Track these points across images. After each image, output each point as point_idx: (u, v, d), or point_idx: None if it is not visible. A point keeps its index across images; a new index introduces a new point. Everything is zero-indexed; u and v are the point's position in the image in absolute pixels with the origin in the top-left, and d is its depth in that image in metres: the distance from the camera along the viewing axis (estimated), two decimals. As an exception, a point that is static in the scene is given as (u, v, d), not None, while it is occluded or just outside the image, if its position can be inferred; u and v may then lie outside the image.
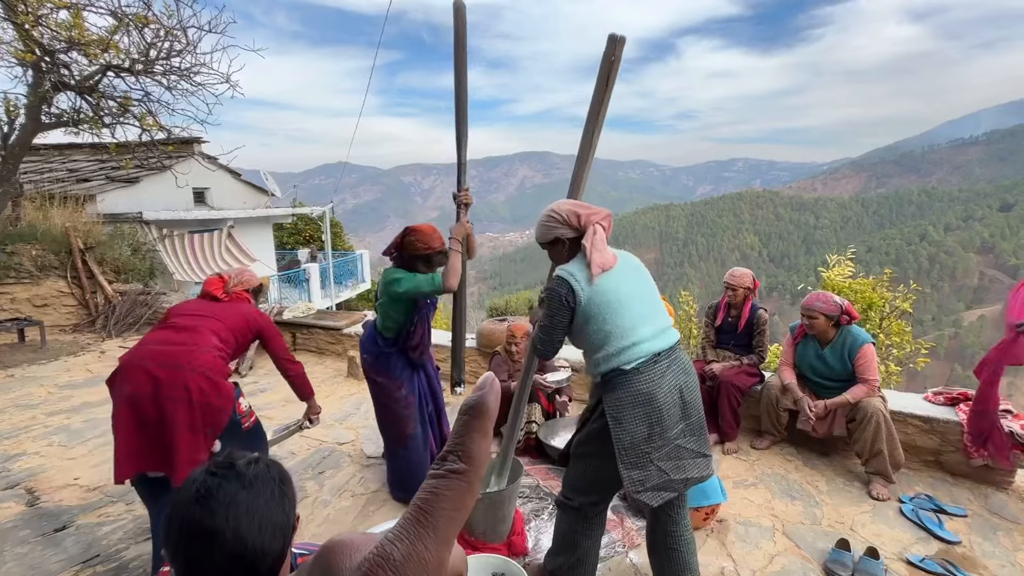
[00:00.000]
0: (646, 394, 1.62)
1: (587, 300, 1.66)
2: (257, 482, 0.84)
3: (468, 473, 0.21)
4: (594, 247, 1.68)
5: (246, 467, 0.85)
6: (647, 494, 1.63)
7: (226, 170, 12.43)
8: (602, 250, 1.69)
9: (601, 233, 1.72)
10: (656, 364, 1.66)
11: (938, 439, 2.96)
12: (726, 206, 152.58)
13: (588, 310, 1.67)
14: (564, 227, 1.76)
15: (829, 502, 2.69)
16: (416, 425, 2.58)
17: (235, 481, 0.82)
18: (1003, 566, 2.21)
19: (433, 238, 2.36)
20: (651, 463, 1.62)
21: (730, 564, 2.21)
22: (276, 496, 0.85)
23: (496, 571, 1.90)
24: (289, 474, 0.92)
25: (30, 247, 6.63)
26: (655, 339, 1.69)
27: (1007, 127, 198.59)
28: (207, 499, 0.79)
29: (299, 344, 5.65)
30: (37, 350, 5.67)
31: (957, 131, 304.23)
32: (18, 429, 3.67)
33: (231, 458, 0.87)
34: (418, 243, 2.35)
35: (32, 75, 6.31)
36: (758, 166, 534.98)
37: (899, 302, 5.71)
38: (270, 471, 0.87)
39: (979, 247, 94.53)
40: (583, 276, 1.68)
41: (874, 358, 2.86)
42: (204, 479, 0.83)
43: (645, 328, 1.68)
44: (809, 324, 2.97)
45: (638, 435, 1.62)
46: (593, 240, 1.69)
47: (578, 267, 1.70)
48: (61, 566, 2.21)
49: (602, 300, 1.66)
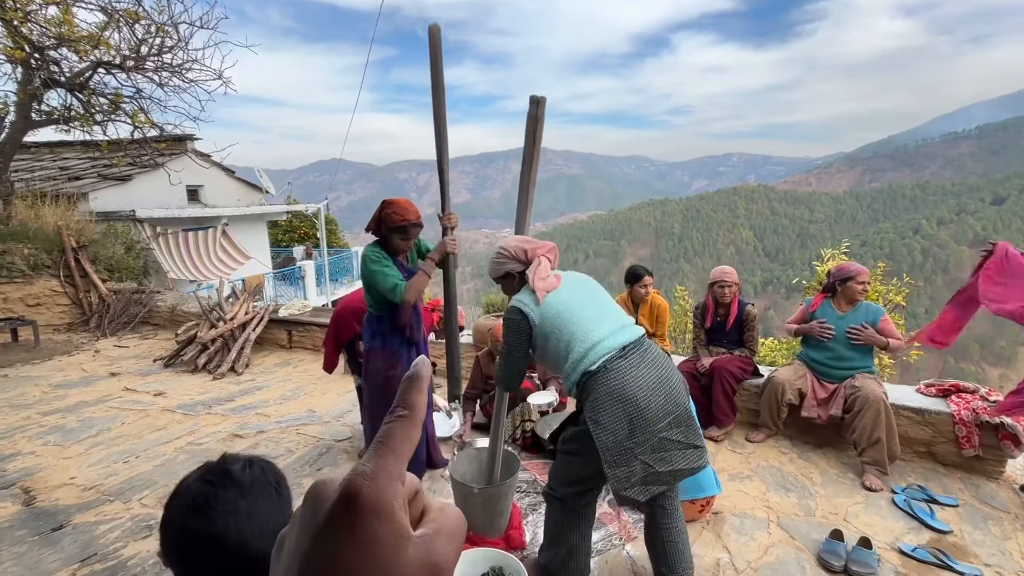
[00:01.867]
0: (619, 390, 1.64)
1: (540, 319, 1.79)
2: (254, 487, 0.83)
3: (410, 415, 0.28)
4: (536, 276, 1.84)
5: (242, 472, 0.84)
6: (634, 490, 1.64)
7: (219, 167, 12.35)
8: (544, 277, 1.84)
9: (545, 263, 1.88)
10: (624, 359, 1.69)
11: (930, 430, 3.00)
12: (721, 201, 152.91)
13: (544, 327, 1.79)
14: (513, 262, 1.93)
15: (823, 494, 2.72)
16: None
17: (233, 488, 0.81)
18: (993, 554, 2.25)
19: (408, 210, 2.43)
20: (635, 458, 1.63)
21: (725, 555, 2.23)
22: (274, 499, 0.85)
23: (494, 565, 1.91)
24: (283, 474, 0.91)
25: (22, 246, 6.58)
26: (615, 335, 1.74)
27: (999, 121, 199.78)
28: (206, 508, 0.78)
29: (295, 342, 5.64)
30: (31, 350, 5.64)
31: (950, 125, 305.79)
32: (13, 429, 3.65)
33: (225, 463, 0.86)
34: (394, 215, 2.41)
35: (22, 72, 6.24)
36: (753, 161, 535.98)
37: (892, 295, 5.76)
38: (265, 474, 0.87)
39: (971, 240, 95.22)
40: (531, 300, 1.82)
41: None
42: (200, 488, 0.81)
43: (601, 327, 1.74)
44: (862, 289, 3.09)
45: (620, 433, 1.63)
46: (536, 270, 1.85)
47: (526, 294, 1.85)
48: (58, 565, 2.20)
49: (553, 314, 1.78)
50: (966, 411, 2.87)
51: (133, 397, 4.30)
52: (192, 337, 5.26)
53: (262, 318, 5.53)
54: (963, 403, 2.93)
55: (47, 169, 10.56)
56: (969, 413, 2.85)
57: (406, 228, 2.42)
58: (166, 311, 6.69)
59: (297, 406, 4.05)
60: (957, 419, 2.88)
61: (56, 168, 10.71)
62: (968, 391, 3.04)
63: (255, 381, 4.71)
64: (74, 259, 6.77)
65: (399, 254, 2.54)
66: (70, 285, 6.72)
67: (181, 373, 4.94)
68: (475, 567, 1.91)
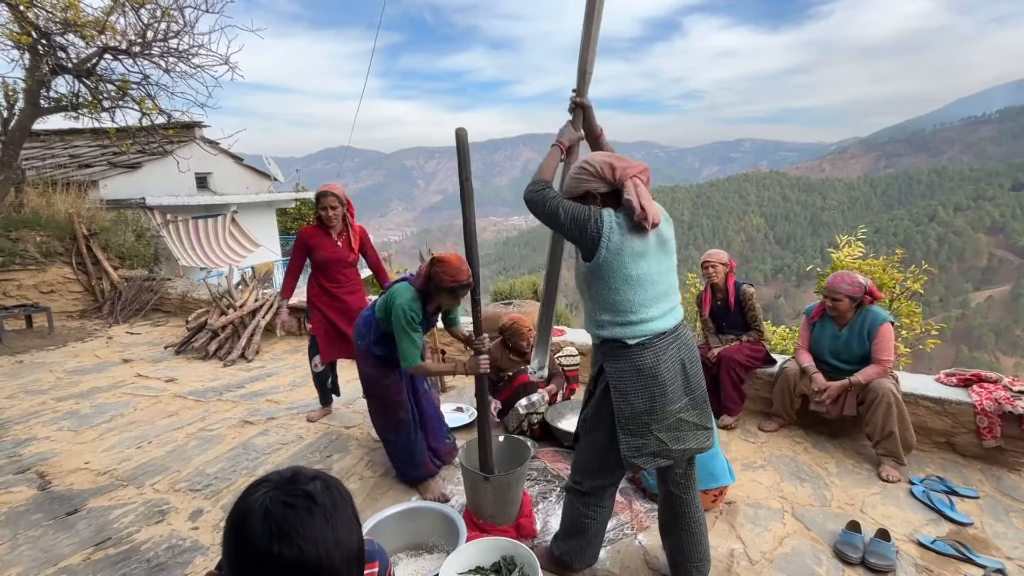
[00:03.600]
0: (650, 369, 1.61)
1: (613, 250, 1.56)
2: (336, 511, 0.79)
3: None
4: (641, 195, 1.54)
5: (323, 494, 0.80)
6: (642, 459, 1.64)
7: (228, 155, 12.35)
8: (650, 199, 1.56)
9: (643, 187, 1.58)
10: (660, 340, 1.64)
11: (950, 420, 2.93)
12: (732, 188, 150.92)
13: (606, 264, 1.57)
14: (597, 180, 1.62)
15: (838, 484, 2.67)
16: (407, 412, 2.60)
17: (318, 513, 0.77)
18: (1016, 547, 2.19)
19: (460, 271, 2.24)
20: (650, 433, 1.63)
21: (739, 546, 2.20)
22: (353, 523, 0.82)
23: (505, 554, 1.90)
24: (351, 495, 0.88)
25: (34, 233, 6.63)
26: (663, 318, 1.67)
27: (1022, 103, 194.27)
28: (291, 535, 0.74)
29: (304, 329, 5.65)
30: (45, 336, 5.71)
31: (969, 109, 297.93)
32: (28, 414, 3.70)
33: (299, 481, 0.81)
34: (444, 275, 2.25)
35: (29, 58, 6.23)
36: (765, 147, 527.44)
37: (910, 283, 5.63)
38: (342, 494, 0.83)
39: (989, 227, 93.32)
40: (626, 223, 1.57)
41: (891, 338, 2.82)
42: (282, 512, 0.76)
43: (657, 307, 1.65)
44: (832, 306, 2.91)
45: (639, 407, 1.62)
46: (638, 190, 1.55)
47: (623, 216, 1.58)
48: (73, 548, 2.23)
49: (623, 263, 1.57)
50: (988, 401, 2.79)
51: (145, 383, 4.33)
52: (202, 324, 5.29)
53: (271, 305, 5.54)
54: (985, 393, 2.85)
55: (57, 157, 10.62)
56: (991, 403, 2.78)
57: (456, 290, 2.30)
58: (177, 298, 6.73)
59: (307, 393, 4.06)
60: (979, 409, 2.80)
61: (66, 156, 10.76)
62: (991, 381, 2.96)
63: (265, 368, 4.73)
64: (86, 246, 6.81)
65: (438, 310, 2.50)
66: (82, 272, 6.78)
67: (192, 360, 4.97)
68: (486, 556, 1.90)
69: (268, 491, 0.78)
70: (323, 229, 3.25)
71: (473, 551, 1.90)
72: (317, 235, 3.24)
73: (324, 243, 3.23)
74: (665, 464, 1.69)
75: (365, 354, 2.56)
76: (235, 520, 0.77)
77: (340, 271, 3.30)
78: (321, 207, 3.18)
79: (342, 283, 3.32)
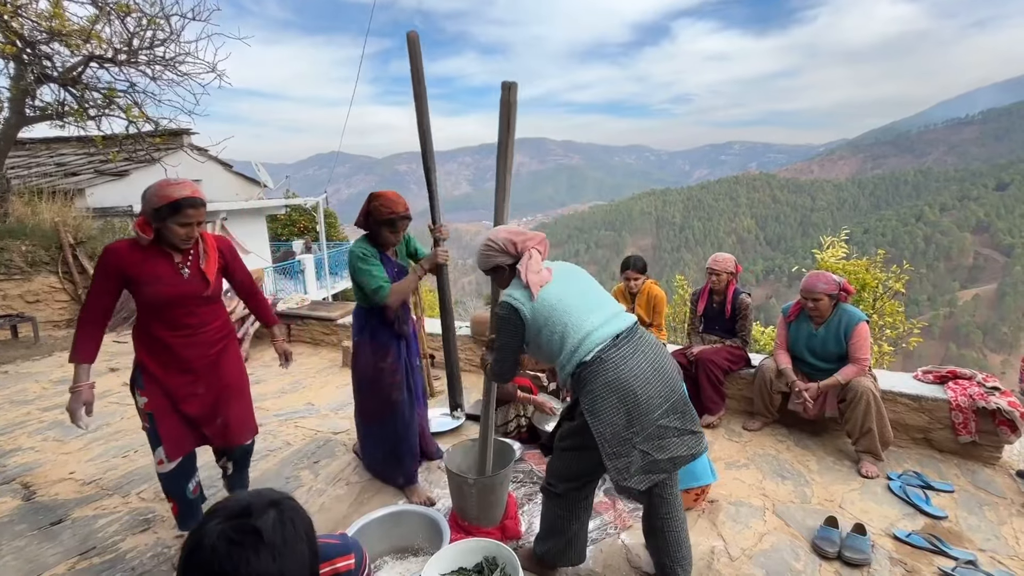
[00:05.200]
0: (615, 381, 1.62)
1: (532, 314, 1.76)
2: (286, 546, 0.76)
3: None
4: (529, 270, 1.79)
5: (273, 531, 0.75)
6: (634, 480, 1.63)
7: (217, 162, 12.30)
8: (537, 271, 1.80)
9: (536, 256, 1.83)
10: (617, 348, 1.67)
11: (927, 417, 3.00)
12: (722, 190, 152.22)
13: (536, 322, 1.76)
14: (502, 255, 1.87)
15: (819, 481, 2.73)
16: (402, 392, 2.61)
17: (264, 552, 0.73)
18: (988, 539, 2.25)
19: (397, 203, 2.39)
20: (634, 448, 1.63)
21: (720, 543, 2.24)
22: (305, 557, 0.78)
23: (488, 555, 1.92)
24: (311, 520, 0.83)
25: (20, 243, 6.57)
26: (607, 324, 1.72)
27: (1003, 106, 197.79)
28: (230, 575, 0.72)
29: (294, 336, 5.65)
30: (31, 346, 5.65)
31: (953, 111, 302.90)
32: (13, 425, 3.67)
33: (249, 513, 0.76)
34: (382, 207, 2.38)
35: (14, 67, 6.20)
36: (754, 149, 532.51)
37: (892, 282, 5.74)
38: (296, 528, 0.79)
39: (974, 227, 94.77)
40: (524, 295, 1.78)
41: (868, 337, 2.88)
42: (227, 550, 0.73)
43: (594, 317, 1.73)
44: (813, 306, 2.96)
45: (617, 423, 1.62)
46: (528, 264, 1.80)
47: (518, 289, 1.81)
48: (58, 559, 2.22)
49: (546, 308, 1.75)
50: (963, 397, 2.86)
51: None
52: (191, 332, 5.26)
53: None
54: (960, 389, 2.92)
55: (44, 165, 10.53)
56: (966, 399, 2.85)
57: (395, 221, 2.39)
58: (165, 306, 6.68)
59: (295, 399, 4.06)
60: (954, 405, 2.87)
61: (52, 164, 10.68)
62: (965, 377, 3.03)
63: (254, 375, 4.72)
64: (72, 255, 6.76)
65: (388, 248, 2.52)
66: (69, 281, 6.72)
67: (180, 368, 4.95)
68: (468, 557, 1.92)
69: (219, 523, 0.76)
70: (158, 249, 1.94)
71: (456, 552, 1.92)
72: (144, 259, 1.91)
73: (159, 271, 1.93)
74: (659, 479, 1.68)
75: (359, 344, 2.59)
76: (186, 551, 0.76)
77: (191, 312, 2.03)
78: (179, 221, 1.87)
79: (195, 330, 2.05)
